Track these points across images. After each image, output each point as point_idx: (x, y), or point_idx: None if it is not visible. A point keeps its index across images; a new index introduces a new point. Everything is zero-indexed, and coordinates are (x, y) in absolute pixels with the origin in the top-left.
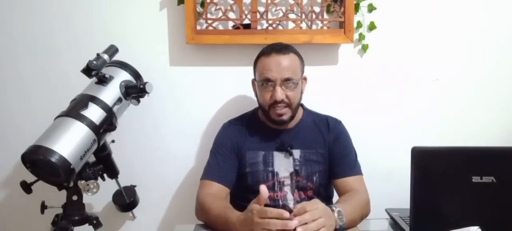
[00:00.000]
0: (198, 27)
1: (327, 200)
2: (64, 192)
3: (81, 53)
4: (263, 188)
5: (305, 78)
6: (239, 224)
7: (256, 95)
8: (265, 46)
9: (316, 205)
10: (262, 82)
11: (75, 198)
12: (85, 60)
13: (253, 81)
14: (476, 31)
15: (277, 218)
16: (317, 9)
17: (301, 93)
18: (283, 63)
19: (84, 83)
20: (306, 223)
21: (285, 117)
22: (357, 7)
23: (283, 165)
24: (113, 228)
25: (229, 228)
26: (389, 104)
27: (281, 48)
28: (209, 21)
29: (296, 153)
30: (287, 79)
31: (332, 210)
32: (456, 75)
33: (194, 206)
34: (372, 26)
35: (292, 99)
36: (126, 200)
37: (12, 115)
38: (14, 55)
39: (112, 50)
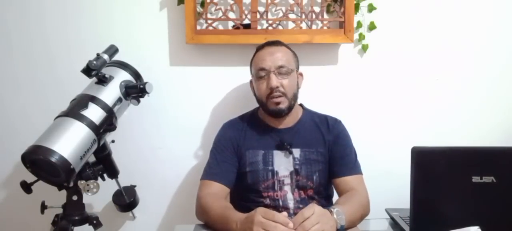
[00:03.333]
0: (198, 27)
1: (327, 200)
2: (64, 192)
3: (80, 53)
4: (284, 216)
5: (301, 74)
6: (240, 223)
7: (255, 95)
8: (259, 45)
9: (313, 209)
10: (258, 74)
11: (75, 198)
12: (85, 61)
13: (251, 81)
14: (476, 30)
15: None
16: (317, 9)
17: (298, 88)
18: (276, 53)
19: (83, 84)
20: None
21: (282, 106)
22: (357, 7)
23: (283, 164)
24: (113, 228)
25: (229, 228)
26: (389, 104)
27: (274, 42)
28: (209, 21)
29: (296, 152)
30: (281, 67)
31: (331, 211)
32: (456, 75)
33: (194, 206)
34: (372, 26)
35: (287, 87)
36: (126, 200)
37: (12, 115)
38: (14, 55)
39: (112, 50)
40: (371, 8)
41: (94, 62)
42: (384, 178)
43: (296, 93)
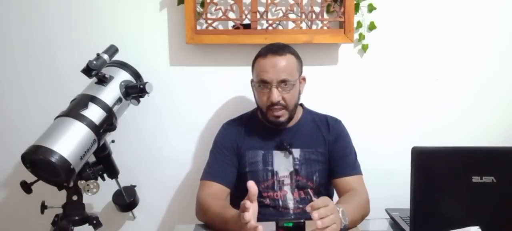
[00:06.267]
0: (198, 27)
1: None
2: (64, 192)
3: (81, 53)
4: (251, 184)
5: (303, 79)
6: (234, 223)
7: (255, 96)
8: (263, 47)
9: (327, 202)
10: (259, 84)
11: (75, 198)
12: (85, 61)
13: (252, 81)
14: (477, 31)
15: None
16: (317, 9)
17: (299, 94)
18: (279, 65)
19: (84, 84)
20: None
21: (282, 119)
22: (357, 7)
23: (283, 164)
24: (113, 228)
25: (227, 227)
26: (389, 105)
27: (278, 49)
28: (209, 21)
29: (296, 152)
30: (283, 81)
31: (336, 211)
32: (456, 75)
33: (194, 206)
34: (372, 26)
35: (288, 101)
36: (126, 200)
37: (12, 115)
38: (14, 56)
39: (112, 50)
40: (371, 8)
41: (94, 62)
42: (384, 178)
43: (297, 102)
